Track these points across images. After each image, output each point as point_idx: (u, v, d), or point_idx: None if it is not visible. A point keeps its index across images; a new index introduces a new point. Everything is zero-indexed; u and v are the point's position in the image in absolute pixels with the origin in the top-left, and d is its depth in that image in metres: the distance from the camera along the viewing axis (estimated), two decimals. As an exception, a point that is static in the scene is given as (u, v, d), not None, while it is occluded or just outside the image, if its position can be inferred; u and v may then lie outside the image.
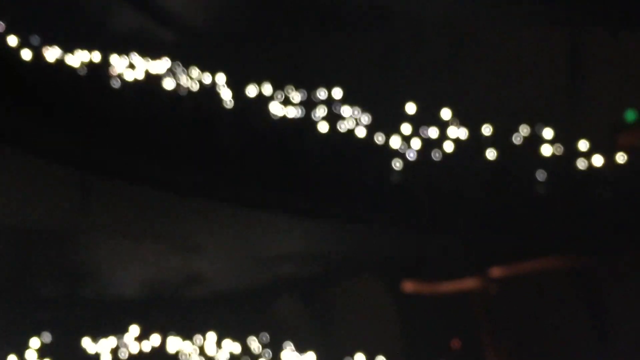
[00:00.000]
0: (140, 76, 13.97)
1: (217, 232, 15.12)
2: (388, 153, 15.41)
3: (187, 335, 17.81)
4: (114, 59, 13.85)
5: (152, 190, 13.09)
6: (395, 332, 17.20)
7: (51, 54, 12.80)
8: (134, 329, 17.60)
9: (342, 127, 15.43)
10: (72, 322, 17.22)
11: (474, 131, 15.97)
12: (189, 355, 16.67)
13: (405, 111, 15.89)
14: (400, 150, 15.61)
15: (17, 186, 12.63)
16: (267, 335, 17.57)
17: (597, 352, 16.09)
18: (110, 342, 17.51)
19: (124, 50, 14.14)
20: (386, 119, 15.77)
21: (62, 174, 12.41)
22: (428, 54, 16.47)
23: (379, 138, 15.48)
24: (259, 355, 17.14)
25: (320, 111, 15.56)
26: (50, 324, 17.31)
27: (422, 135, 15.80)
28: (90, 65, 13.37)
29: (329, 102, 15.94)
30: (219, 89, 14.47)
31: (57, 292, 17.33)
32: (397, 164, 15.32)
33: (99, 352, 17.40)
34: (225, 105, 14.37)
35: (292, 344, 16.95)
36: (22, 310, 17.50)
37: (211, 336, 18.00)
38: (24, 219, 13.95)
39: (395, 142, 15.63)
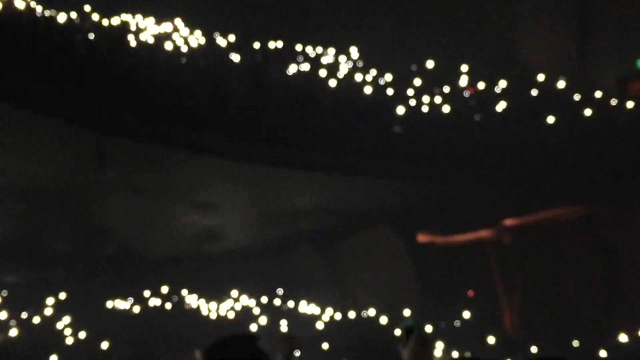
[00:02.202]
0: (152, 39, 14.04)
1: (232, 189, 15.23)
2: (401, 107, 15.47)
3: (205, 292, 18.04)
4: (127, 23, 13.93)
5: (168, 150, 13.15)
6: (411, 283, 17.37)
7: (63, 17, 12.88)
8: (153, 287, 17.84)
9: (354, 82, 15.49)
10: (89, 281, 17.45)
11: (489, 84, 16.03)
12: (208, 310, 16.91)
13: (420, 66, 15.96)
14: (413, 104, 15.69)
15: (35, 148, 12.73)
16: (284, 290, 17.79)
17: (607, 297, 16.28)
18: (128, 300, 17.76)
19: (136, 12, 14.21)
20: (398, 73, 15.82)
21: (79, 136, 12.48)
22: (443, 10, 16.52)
23: (392, 92, 15.55)
24: (277, 310, 17.36)
25: (333, 67, 15.62)
26: (67, 283, 17.57)
27: (437, 89, 15.89)
28: (103, 28, 13.46)
29: (342, 57, 16.01)
30: (231, 48, 14.54)
31: (74, 251, 17.54)
32: (410, 118, 15.39)
33: (116, 309, 17.65)
34: (237, 63, 14.44)
35: (309, 298, 17.14)
36: (40, 269, 17.72)
37: (228, 291, 18.25)
38: (42, 180, 14.07)
39: (409, 96, 15.71)
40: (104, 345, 15.01)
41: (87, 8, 13.24)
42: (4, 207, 14.78)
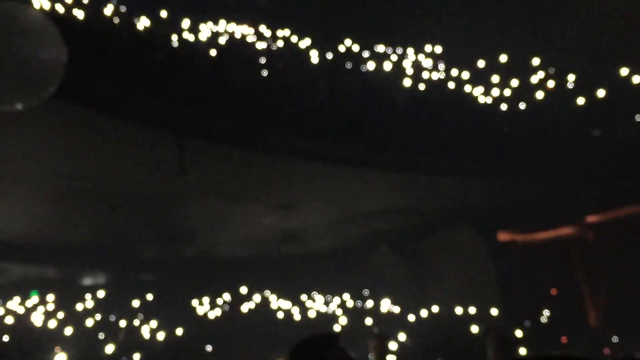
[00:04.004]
0: (232, 41, 14.16)
1: (311, 189, 15.27)
2: (479, 104, 15.34)
3: (286, 293, 18.11)
4: (204, 25, 14.08)
5: (247, 151, 13.23)
6: (492, 282, 17.19)
7: (142, 23, 13.06)
8: (233, 288, 17.98)
9: (432, 81, 15.41)
10: (172, 283, 17.67)
11: (563, 79, 15.78)
12: (290, 311, 16.98)
13: (496, 61, 15.80)
14: (490, 101, 15.53)
15: (118, 153, 12.92)
16: (366, 290, 17.77)
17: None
18: (211, 300, 17.93)
19: (213, 17, 14.35)
20: (474, 70, 15.68)
21: (159, 139, 12.63)
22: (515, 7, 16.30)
23: (469, 90, 15.43)
24: (357, 309, 17.33)
25: (409, 66, 15.55)
26: (152, 285, 17.81)
27: (513, 85, 15.70)
28: (183, 32, 13.62)
29: (418, 57, 15.93)
30: (309, 50, 14.59)
31: (157, 254, 17.79)
32: (487, 115, 15.24)
33: (200, 310, 17.83)
34: (315, 65, 14.49)
35: (389, 297, 17.07)
36: (125, 272, 18.01)
37: (309, 292, 18.29)
38: (124, 183, 14.28)
39: (485, 93, 15.56)
40: (188, 346, 15.22)
41: (163, 13, 13.44)
42: (89, 211, 15.08)
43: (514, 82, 15.62)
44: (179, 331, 15.67)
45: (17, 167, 12.94)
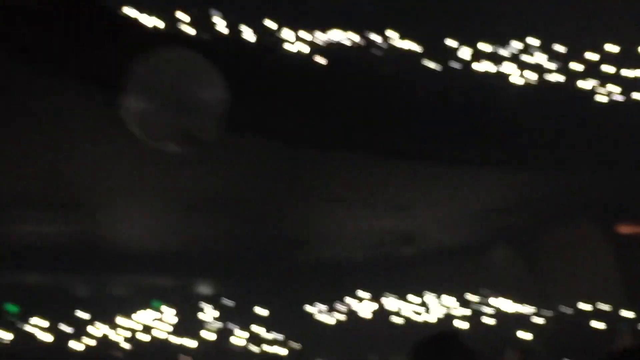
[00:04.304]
0: (340, 47, 14.26)
1: (426, 190, 15.21)
2: (589, 96, 15.03)
3: (404, 295, 18.07)
4: (310, 34, 14.20)
5: (359, 155, 13.30)
6: (614, 277, 16.79)
7: (249, 34, 13.31)
8: (351, 292, 18.03)
9: (537, 76, 15.16)
10: (290, 290, 17.83)
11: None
12: (410, 314, 16.95)
13: (605, 52, 15.44)
14: (601, 93, 15.19)
15: (231, 162, 13.17)
16: (485, 289, 17.57)
17: None
18: (330, 306, 18.02)
19: (320, 25, 14.47)
20: (583, 61, 15.37)
21: (271, 147, 12.80)
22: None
23: (575, 83, 15.13)
24: (477, 309, 17.18)
25: (513, 63, 15.35)
26: (269, 292, 18.01)
27: (623, 75, 15.31)
28: (295, 43, 13.79)
29: (521, 53, 15.70)
30: (418, 51, 14.57)
31: (275, 260, 17.97)
32: (597, 107, 14.91)
33: (320, 316, 17.95)
34: (425, 67, 14.46)
35: (508, 296, 16.88)
36: (245, 280, 18.26)
37: (426, 293, 18.21)
38: (238, 192, 14.53)
39: (594, 85, 15.23)
40: (307, 353, 15.34)
41: (271, 24, 13.61)
42: (208, 221, 15.37)
43: (626, 72, 15.23)
44: (298, 338, 15.81)
45: (134, 179, 13.32)
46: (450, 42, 14.91)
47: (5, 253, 15.59)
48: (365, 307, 17.98)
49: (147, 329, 16.88)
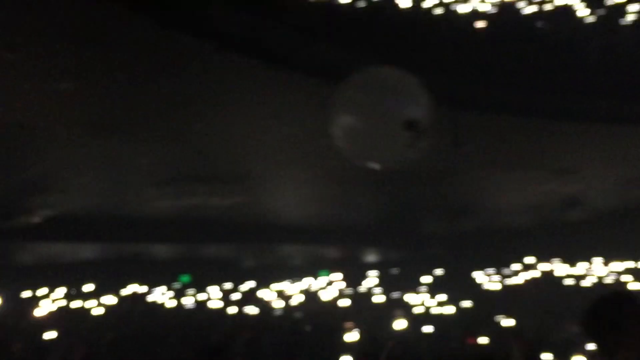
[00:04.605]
0: (491, 8, 14.04)
1: (592, 152, 14.78)
2: None
3: (571, 259, 17.73)
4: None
5: (522, 118, 13.05)
6: None
7: (403, 1, 13.26)
8: (517, 258, 17.82)
9: None
10: (456, 257, 17.78)
11: None
12: (578, 278, 16.63)
13: None
14: None
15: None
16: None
17: None
18: (497, 271, 17.88)
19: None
20: None
21: (436, 113, 12.72)
22: None
23: None
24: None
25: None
26: (438, 260, 18.00)
27: None
28: (442, 4, 13.66)
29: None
30: (579, 7, 14.17)
31: (441, 228, 17.94)
32: None
33: (485, 283, 17.83)
34: (587, 23, 14.05)
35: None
36: (410, 248, 18.33)
37: (594, 257, 17.79)
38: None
39: None
40: (476, 318, 15.27)
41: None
42: (371, 191, 15.48)
43: None
44: (467, 304, 15.75)
45: (296, 151, 13.53)
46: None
47: (176, 226, 16.22)
48: (531, 272, 17.77)
49: (313, 297, 17.23)
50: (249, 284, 17.69)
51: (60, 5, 8.73)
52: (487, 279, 17.79)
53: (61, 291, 16.51)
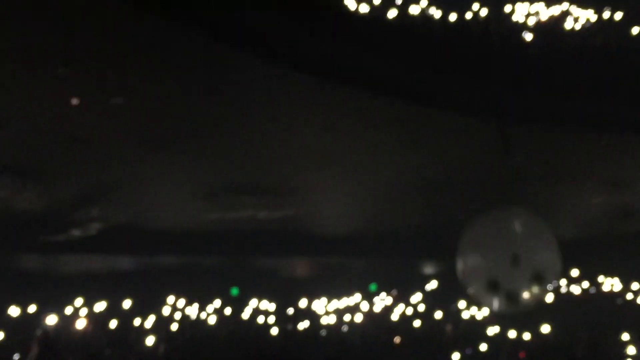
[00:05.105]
0: (540, 21, 13.98)
1: (643, 163, 14.66)
2: None
3: (622, 273, 17.52)
4: (518, 6, 13.98)
5: (571, 129, 12.98)
6: None
7: (452, 14, 13.26)
8: (565, 270, 17.64)
9: None
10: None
11: None
12: (630, 293, 16.43)
13: None
14: None
15: (443, 142, 13.17)
16: None
17: None
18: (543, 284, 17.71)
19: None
20: None
21: (482, 126, 12.70)
22: None
23: None
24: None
25: None
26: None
27: None
28: (492, 17, 13.64)
29: None
30: (627, 22, 14.07)
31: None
32: None
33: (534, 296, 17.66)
34: (633, 36, 13.95)
35: None
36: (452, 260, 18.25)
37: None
38: (450, 172, 14.50)
39: None
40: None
41: (475, 6, 13.48)
42: (419, 202, 15.44)
43: None
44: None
45: (346, 164, 13.58)
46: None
47: (225, 239, 16.30)
48: (579, 285, 17.60)
49: (359, 310, 17.19)
50: (298, 297, 17.70)
51: (114, 20, 8.85)
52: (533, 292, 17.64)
53: (102, 305, 16.60)
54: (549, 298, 16.94)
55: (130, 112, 11.08)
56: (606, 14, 14.20)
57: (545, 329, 14.65)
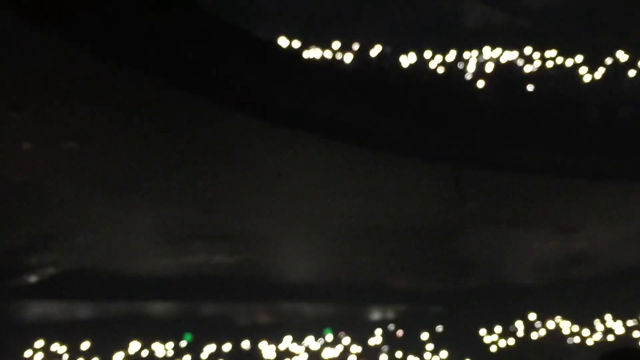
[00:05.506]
0: (493, 67, 14.18)
1: (594, 209, 14.79)
2: None
3: (577, 317, 17.60)
4: (467, 55, 14.17)
5: (525, 175, 13.09)
6: None
7: (406, 60, 13.39)
8: (521, 315, 17.70)
9: None
10: (459, 314, 17.67)
11: None
12: (583, 336, 16.50)
13: None
14: None
15: (397, 189, 13.21)
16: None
17: None
18: (503, 329, 17.75)
19: (477, 46, 14.39)
20: None
21: (437, 171, 12.78)
22: None
23: None
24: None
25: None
26: (440, 317, 17.89)
27: None
28: (445, 64, 13.79)
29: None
30: (579, 67, 14.30)
31: (443, 285, 17.86)
32: None
33: (492, 341, 17.69)
34: (587, 82, 14.17)
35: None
36: (413, 305, 18.25)
37: (601, 315, 17.67)
38: (406, 218, 14.53)
39: None
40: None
41: (428, 54, 13.65)
42: (372, 248, 15.45)
43: None
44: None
45: (300, 210, 13.55)
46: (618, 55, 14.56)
47: (179, 284, 16.16)
48: (537, 330, 17.65)
49: (317, 356, 17.09)
50: (252, 342, 17.55)
51: (65, 65, 8.80)
52: (491, 337, 17.67)
53: (62, 349, 16.34)
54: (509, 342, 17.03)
55: (83, 156, 10.99)
56: (559, 60, 14.44)
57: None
